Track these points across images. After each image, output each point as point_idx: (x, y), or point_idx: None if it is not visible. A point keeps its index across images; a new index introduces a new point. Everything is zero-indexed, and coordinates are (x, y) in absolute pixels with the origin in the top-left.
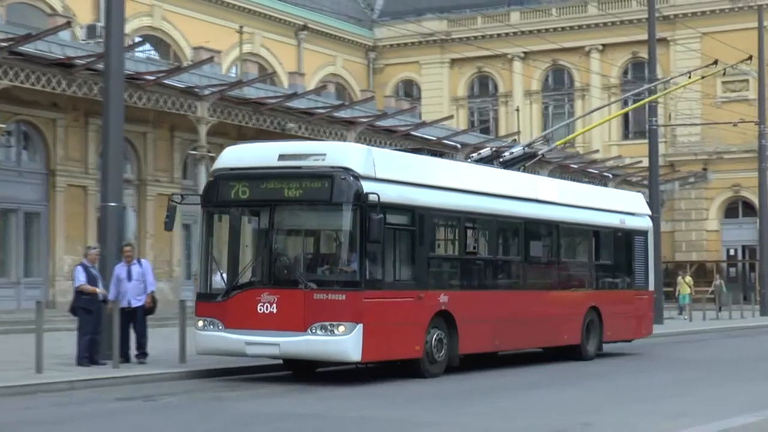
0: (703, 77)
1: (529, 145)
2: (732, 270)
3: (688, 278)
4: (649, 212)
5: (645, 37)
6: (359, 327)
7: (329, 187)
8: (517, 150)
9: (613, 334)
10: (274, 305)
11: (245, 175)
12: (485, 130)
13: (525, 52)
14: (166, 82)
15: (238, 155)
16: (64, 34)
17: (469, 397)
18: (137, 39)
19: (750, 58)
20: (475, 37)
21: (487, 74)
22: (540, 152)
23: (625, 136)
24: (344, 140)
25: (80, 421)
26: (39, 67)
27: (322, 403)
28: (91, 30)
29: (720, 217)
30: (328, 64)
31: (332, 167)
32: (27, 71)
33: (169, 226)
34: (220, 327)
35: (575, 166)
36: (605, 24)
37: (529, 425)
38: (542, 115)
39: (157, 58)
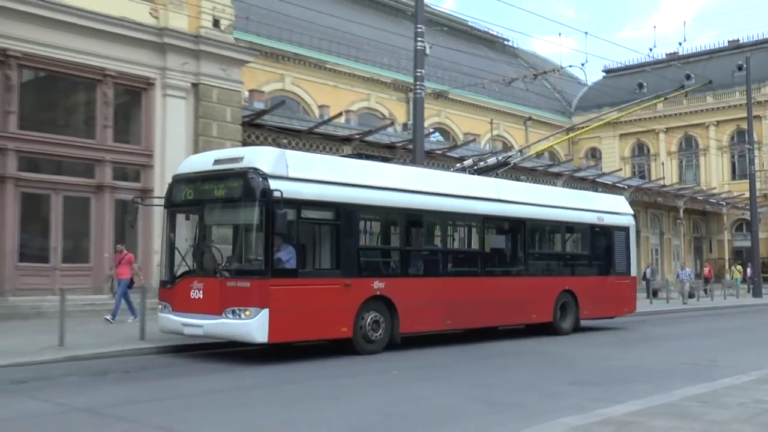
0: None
1: (505, 156)
2: None
3: (739, 267)
4: (631, 212)
5: (745, 115)
6: (264, 312)
7: (240, 185)
8: (491, 160)
9: (591, 312)
10: (201, 292)
11: (190, 178)
12: (642, 177)
13: (666, 128)
14: (447, 154)
15: (190, 162)
16: (390, 129)
17: (610, 347)
18: (431, 130)
19: None
20: (635, 120)
21: (643, 142)
22: (512, 162)
23: (732, 177)
24: (554, 185)
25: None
26: (376, 148)
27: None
28: (404, 126)
29: None
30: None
31: (244, 168)
32: (368, 151)
33: (132, 224)
34: (169, 310)
35: (700, 198)
36: (718, 108)
37: (673, 361)
38: (678, 167)
39: (442, 140)
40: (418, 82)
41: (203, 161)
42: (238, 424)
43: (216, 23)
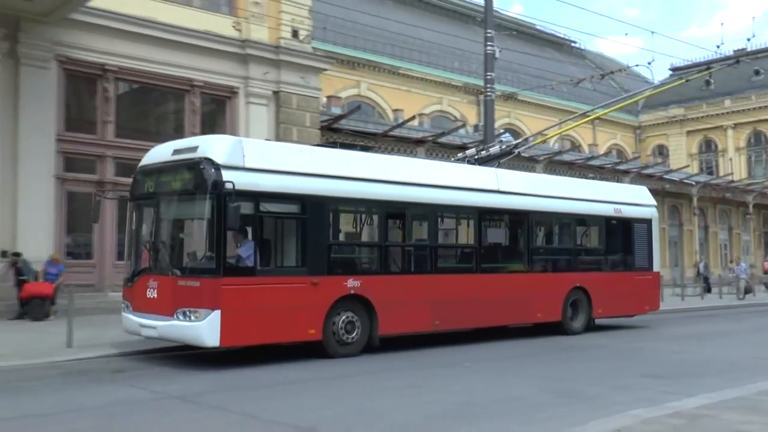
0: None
1: (510, 145)
2: None
3: None
4: (654, 203)
5: None
6: (215, 313)
7: (191, 177)
8: (494, 149)
9: (606, 311)
10: (156, 291)
11: (149, 170)
12: (710, 173)
13: (735, 124)
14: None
15: (153, 153)
16: (462, 131)
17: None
18: (501, 131)
19: None
20: (702, 117)
21: (710, 138)
22: (516, 150)
23: None
24: (621, 183)
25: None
26: (447, 149)
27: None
28: (475, 127)
29: None
30: (612, 138)
31: (197, 158)
32: (441, 152)
33: (94, 218)
34: (130, 309)
35: None
36: None
37: (741, 355)
38: (747, 163)
39: (512, 140)
40: (488, 85)
41: (164, 151)
42: (330, 411)
43: (295, 34)
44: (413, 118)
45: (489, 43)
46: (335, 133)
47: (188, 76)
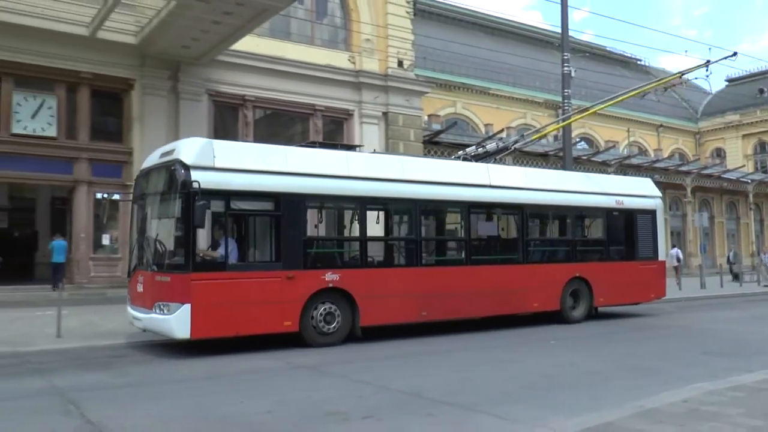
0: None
1: (507, 143)
2: None
3: None
4: (659, 194)
5: None
6: (185, 307)
7: (166, 178)
8: (491, 145)
9: (608, 299)
10: (142, 285)
11: (143, 172)
12: (764, 172)
13: None
14: (591, 159)
15: (150, 156)
16: (543, 141)
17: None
18: (577, 139)
19: None
20: (756, 122)
21: (764, 141)
22: (512, 147)
23: None
24: (683, 182)
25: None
26: (532, 157)
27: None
28: (555, 137)
29: None
30: (674, 143)
31: (171, 160)
32: (527, 159)
33: (102, 220)
34: (129, 302)
35: None
36: None
37: None
38: None
39: (587, 147)
40: (565, 101)
41: (155, 155)
42: (430, 381)
43: (400, 64)
44: (502, 130)
45: (566, 64)
46: (435, 145)
47: (311, 102)
